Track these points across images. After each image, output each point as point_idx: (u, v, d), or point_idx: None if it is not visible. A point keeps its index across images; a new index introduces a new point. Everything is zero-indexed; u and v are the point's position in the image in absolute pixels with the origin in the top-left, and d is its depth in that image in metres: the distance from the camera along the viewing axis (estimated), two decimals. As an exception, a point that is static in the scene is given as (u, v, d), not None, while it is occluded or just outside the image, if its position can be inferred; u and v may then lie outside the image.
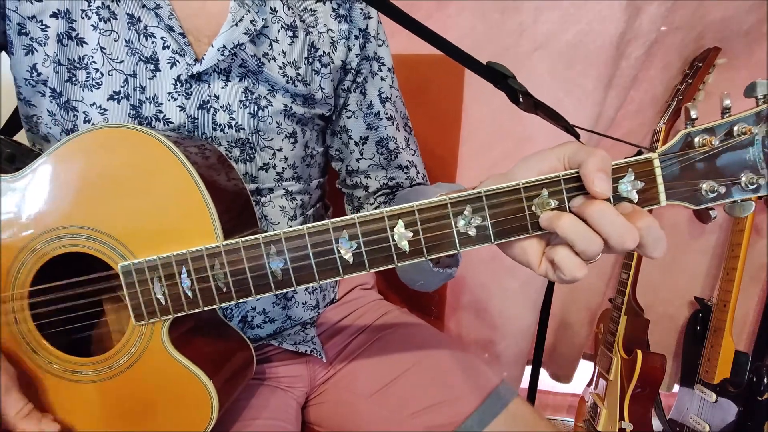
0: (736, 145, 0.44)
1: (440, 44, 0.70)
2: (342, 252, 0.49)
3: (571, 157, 0.45)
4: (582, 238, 0.43)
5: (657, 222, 0.42)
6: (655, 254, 0.43)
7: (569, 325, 1.62)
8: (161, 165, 0.53)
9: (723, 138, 0.44)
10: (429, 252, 0.48)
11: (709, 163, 0.44)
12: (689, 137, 0.45)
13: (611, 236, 0.42)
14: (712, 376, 1.34)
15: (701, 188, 0.45)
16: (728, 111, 0.45)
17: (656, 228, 0.42)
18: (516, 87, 0.67)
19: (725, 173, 0.44)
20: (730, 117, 0.44)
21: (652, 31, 1.24)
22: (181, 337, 0.56)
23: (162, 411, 0.57)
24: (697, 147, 0.44)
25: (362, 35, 0.76)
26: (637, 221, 0.42)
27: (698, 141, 0.44)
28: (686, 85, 1.26)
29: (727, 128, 0.44)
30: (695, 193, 0.45)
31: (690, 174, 0.45)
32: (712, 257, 1.50)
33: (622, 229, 0.42)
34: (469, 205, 0.46)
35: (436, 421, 0.69)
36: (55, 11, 0.61)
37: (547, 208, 0.45)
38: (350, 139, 0.81)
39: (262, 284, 0.51)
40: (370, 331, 0.84)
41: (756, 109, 0.43)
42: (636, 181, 0.45)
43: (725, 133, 0.44)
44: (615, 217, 0.42)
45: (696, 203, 0.46)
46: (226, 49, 0.63)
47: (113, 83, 0.62)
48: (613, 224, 0.42)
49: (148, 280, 0.52)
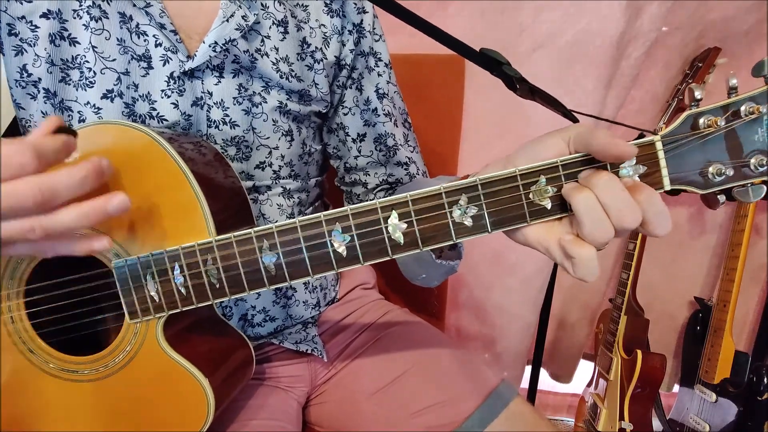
0: (744, 125, 0.42)
1: (435, 33, 0.69)
2: (335, 245, 0.48)
3: (576, 138, 0.43)
4: (593, 220, 0.41)
5: (658, 195, 0.41)
6: (658, 231, 0.41)
7: (569, 325, 1.61)
8: (153, 161, 0.53)
9: (730, 118, 0.42)
10: (424, 243, 0.47)
11: (715, 145, 0.42)
12: (694, 118, 0.43)
13: (611, 211, 0.40)
14: (712, 376, 1.34)
15: (708, 171, 0.43)
16: (735, 90, 0.42)
17: (658, 201, 0.41)
18: (511, 73, 0.66)
19: (733, 155, 0.42)
20: (738, 96, 0.42)
21: (653, 30, 1.24)
22: (177, 335, 0.56)
23: (158, 410, 0.56)
24: (702, 128, 0.42)
25: (356, 30, 0.76)
26: (637, 195, 0.41)
27: (703, 122, 0.42)
28: (686, 85, 1.26)
29: (735, 108, 0.42)
30: (701, 176, 0.43)
31: (695, 157, 0.43)
32: (712, 257, 1.49)
33: (623, 203, 0.40)
34: (465, 194, 0.45)
35: (436, 421, 0.69)
36: (46, 11, 0.61)
37: (545, 195, 0.44)
38: (347, 136, 0.80)
39: (255, 279, 0.50)
40: (371, 330, 0.84)
41: (765, 88, 0.41)
42: (638, 165, 0.43)
43: (732, 112, 0.42)
44: (620, 190, 0.40)
45: (703, 187, 0.43)
46: (218, 45, 0.63)
47: (106, 82, 0.62)
48: (616, 198, 0.40)
49: (141, 277, 0.52)
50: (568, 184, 0.43)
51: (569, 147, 0.44)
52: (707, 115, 0.42)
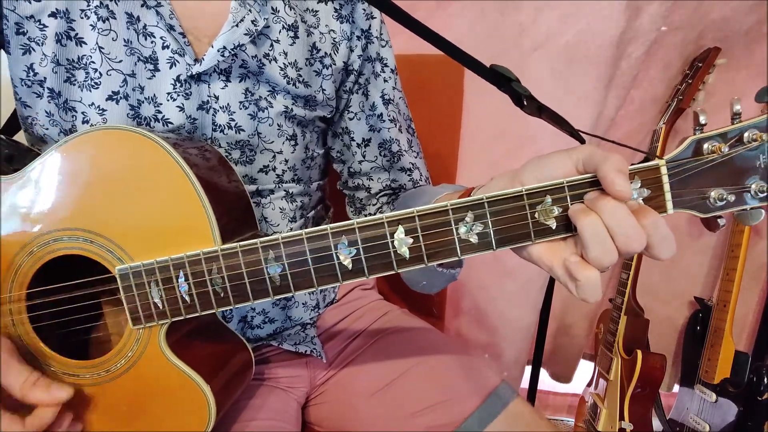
0: (747, 151, 0.42)
1: (443, 46, 0.69)
2: (341, 258, 0.48)
3: (586, 161, 0.43)
4: (598, 243, 0.41)
5: (663, 221, 0.41)
6: (663, 255, 0.42)
7: (569, 325, 1.62)
8: (159, 167, 0.52)
9: (733, 144, 0.43)
10: (429, 259, 0.47)
11: (717, 171, 0.43)
12: (697, 143, 0.43)
13: (618, 236, 0.41)
14: (712, 376, 1.34)
15: (709, 196, 0.44)
16: (738, 117, 0.43)
17: (663, 226, 0.41)
18: (520, 91, 0.66)
19: (734, 181, 0.43)
20: (741, 123, 0.43)
21: (653, 30, 1.24)
22: (179, 341, 0.56)
23: (159, 415, 0.56)
24: (706, 154, 0.43)
25: (364, 36, 0.76)
26: (643, 219, 0.41)
27: (707, 148, 0.43)
28: (686, 85, 1.26)
29: (738, 134, 0.42)
30: (703, 201, 0.44)
31: (698, 181, 0.44)
32: (712, 257, 1.49)
33: (630, 228, 0.40)
34: (471, 211, 0.45)
35: (436, 422, 0.69)
36: (54, 11, 0.60)
37: (551, 215, 0.44)
38: (352, 141, 0.80)
39: (260, 289, 0.50)
40: (371, 331, 0.83)
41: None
42: (642, 188, 0.44)
43: (735, 139, 0.43)
44: (627, 216, 0.41)
45: (704, 211, 0.44)
46: (226, 49, 0.63)
47: (112, 83, 0.62)
48: (623, 223, 0.40)
49: (145, 283, 0.52)
50: (575, 205, 0.44)
51: (577, 167, 0.44)
52: (711, 141, 0.43)
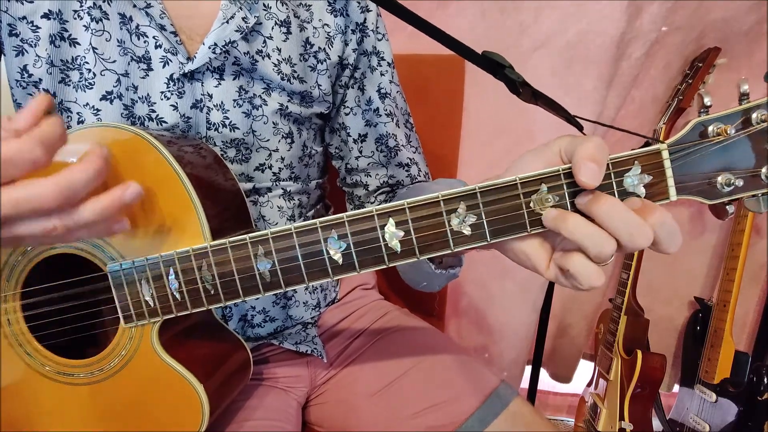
0: (755, 133, 0.40)
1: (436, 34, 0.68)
2: (331, 252, 0.47)
3: (566, 149, 0.42)
4: (594, 242, 0.39)
5: (670, 215, 0.40)
6: (671, 249, 0.40)
7: (569, 325, 1.61)
8: (150, 164, 0.52)
9: (740, 126, 0.40)
10: (422, 252, 0.45)
11: (724, 154, 0.41)
12: (702, 126, 0.41)
13: (622, 236, 0.39)
14: (712, 376, 1.34)
15: (716, 181, 0.41)
16: (746, 97, 0.40)
17: (670, 222, 0.39)
18: (514, 77, 0.66)
19: (743, 165, 0.41)
20: (749, 103, 0.40)
21: (653, 31, 1.24)
22: (173, 340, 0.56)
23: (152, 415, 0.56)
24: (711, 137, 0.40)
25: (359, 29, 0.75)
26: (649, 217, 0.39)
27: (712, 130, 0.40)
28: (686, 85, 1.25)
29: (745, 116, 0.40)
30: (709, 186, 0.41)
31: (703, 166, 0.41)
32: (712, 257, 1.49)
33: (633, 227, 0.39)
34: (463, 202, 0.44)
35: (436, 422, 0.69)
36: (47, 12, 0.60)
37: (547, 204, 0.43)
38: (349, 137, 0.80)
39: (250, 286, 0.50)
40: (371, 331, 0.83)
41: None
42: (643, 174, 0.41)
43: (742, 120, 0.40)
44: (625, 213, 0.39)
45: (710, 198, 0.42)
46: (218, 46, 0.63)
47: (106, 83, 0.62)
48: (624, 222, 0.39)
49: (136, 281, 0.52)
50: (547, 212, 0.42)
51: (561, 157, 0.43)
52: (716, 123, 0.41)
